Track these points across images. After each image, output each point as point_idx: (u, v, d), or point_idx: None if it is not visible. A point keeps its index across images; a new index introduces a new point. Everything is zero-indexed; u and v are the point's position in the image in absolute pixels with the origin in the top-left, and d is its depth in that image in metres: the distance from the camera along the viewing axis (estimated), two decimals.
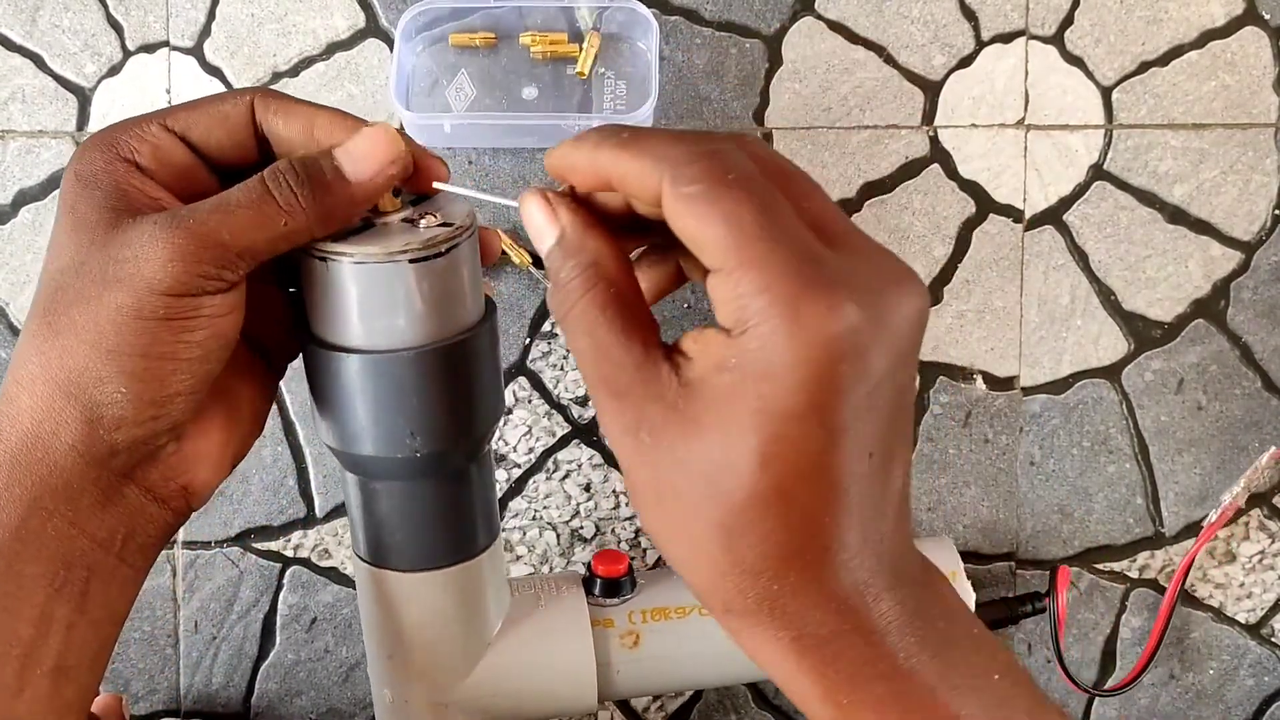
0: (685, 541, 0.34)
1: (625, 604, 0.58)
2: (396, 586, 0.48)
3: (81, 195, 0.39)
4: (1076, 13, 0.68)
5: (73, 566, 0.39)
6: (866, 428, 0.32)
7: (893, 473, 0.34)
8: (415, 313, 0.42)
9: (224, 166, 0.42)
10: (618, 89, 0.66)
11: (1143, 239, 0.69)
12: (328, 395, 0.44)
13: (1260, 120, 0.69)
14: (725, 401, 0.32)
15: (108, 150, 0.40)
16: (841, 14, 0.68)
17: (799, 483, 0.32)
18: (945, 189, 0.69)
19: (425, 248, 0.41)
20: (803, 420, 0.31)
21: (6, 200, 0.67)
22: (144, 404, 0.38)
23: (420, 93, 0.66)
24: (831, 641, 0.33)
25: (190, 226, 0.37)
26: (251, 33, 0.67)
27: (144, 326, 0.37)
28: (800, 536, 0.32)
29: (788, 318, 0.31)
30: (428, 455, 0.44)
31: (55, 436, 0.38)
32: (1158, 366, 0.70)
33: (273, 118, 0.42)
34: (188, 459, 0.42)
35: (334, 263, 0.41)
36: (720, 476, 0.32)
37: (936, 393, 0.69)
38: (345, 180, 0.40)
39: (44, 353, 0.38)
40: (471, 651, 0.52)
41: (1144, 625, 0.71)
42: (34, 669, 0.38)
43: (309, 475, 0.69)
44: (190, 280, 0.37)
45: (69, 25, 0.67)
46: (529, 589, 0.56)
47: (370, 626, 0.51)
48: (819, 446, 0.31)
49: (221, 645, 0.69)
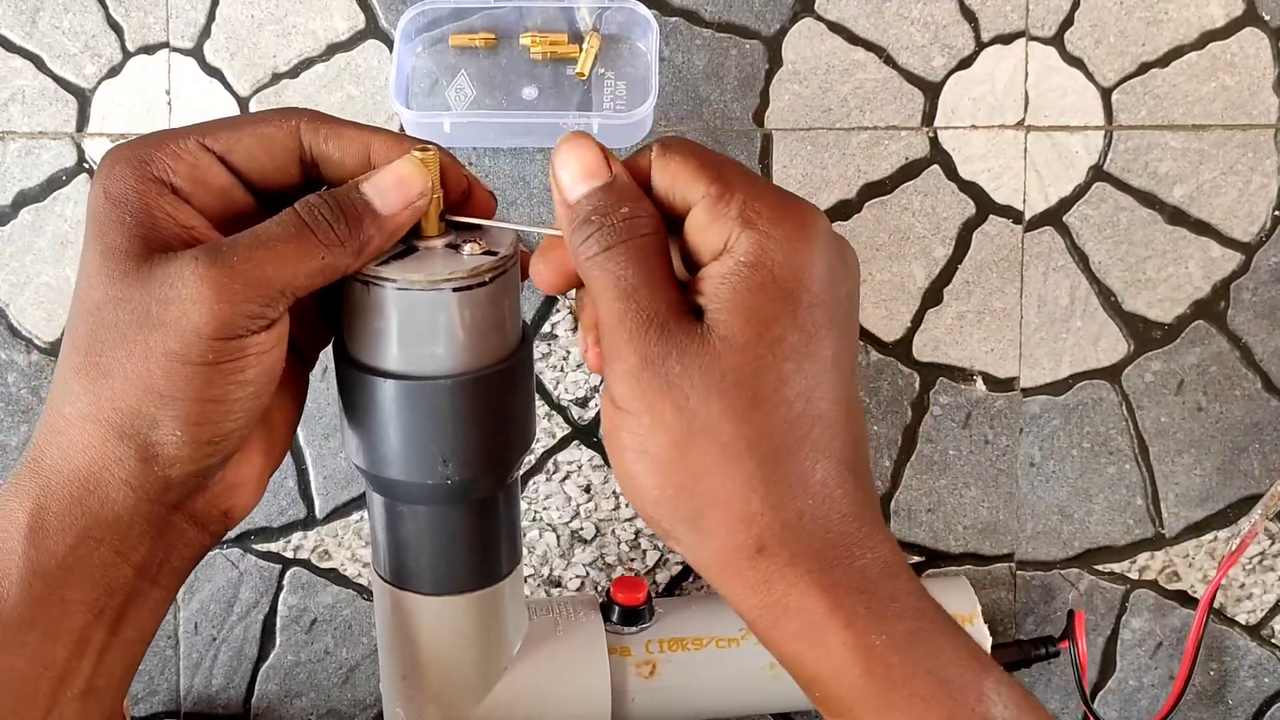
0: (718, 477, 0.35)
1: (643, 633, 0.57)
2: (417, 609, 0.48)
3: (111, 219, 0.38)
4: (1076, 14, 0.68)
5: (114, 593, 0.39)
6: (851, 326, 0.37)
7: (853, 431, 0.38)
8: (455, 341, 0.41)
9: (263, 189, 0.41)
10: (617, 89, 0.66)
11: (1143, 240, 0.69)
12: (360, 417, 0.43)
13: (1260, 121, 0.69)
14: (743, 304, 0.35)
15: (140, 168, 0.38)
16: (841, 15, 0.68)
17: (847, 386, 0.37)
18: (945, 190, 0.69)
19: (470, 277, 0.40)
20: (811, 356, 0.35)
21: (7, 201, 0.67)
22: (200, 444, 0.38)
23: (420, 93, 0.66)
24: (867, 571, 0.35)
25: (233, 265, 0.37)
26: (251, 34, 0.67)
27: (194, 372, 0.37)
28: (846, 446, 0.36)
29: (783, 216, 0.36)
30: (459, 483, 0.44)
31: (109, 473, 0.38)
32: (1158, 368, 0.70)
33: (323, 143, 0.41)
34: (231, 485, 0.42)
35: (376, 287, 0.40)
36: (761, 388, 0.35)
37: (936, 394, 0.69)
38: (375, 212, 0.39)
39: (93, 393, 0.37)
40: (488, 675, 0.52)
41: (1145, 626, 0.71)
42: (65, 691, 0.38)
43: (309, 476, 0.69)
44: (237, 321, 0.37)
45: (69, 26, 0.67)
46: (547, 613, 0.56)
47: (387, 646, 0.50)
48: (845, 347, 0.37)
49: (221, 647, 0.69)
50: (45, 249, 0.66)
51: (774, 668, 0.57)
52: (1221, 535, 0.70)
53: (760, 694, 0.59)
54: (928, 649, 0.34)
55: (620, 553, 0.69)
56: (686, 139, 0.39)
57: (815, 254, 0.36)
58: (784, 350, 0.35)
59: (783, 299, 0.35)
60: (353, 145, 0.41)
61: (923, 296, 0.69)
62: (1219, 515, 0.71)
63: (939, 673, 0.34)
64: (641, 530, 0.69)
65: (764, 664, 0.58)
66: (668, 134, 0.68)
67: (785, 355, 0.35)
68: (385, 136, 0.41)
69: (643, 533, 0.69)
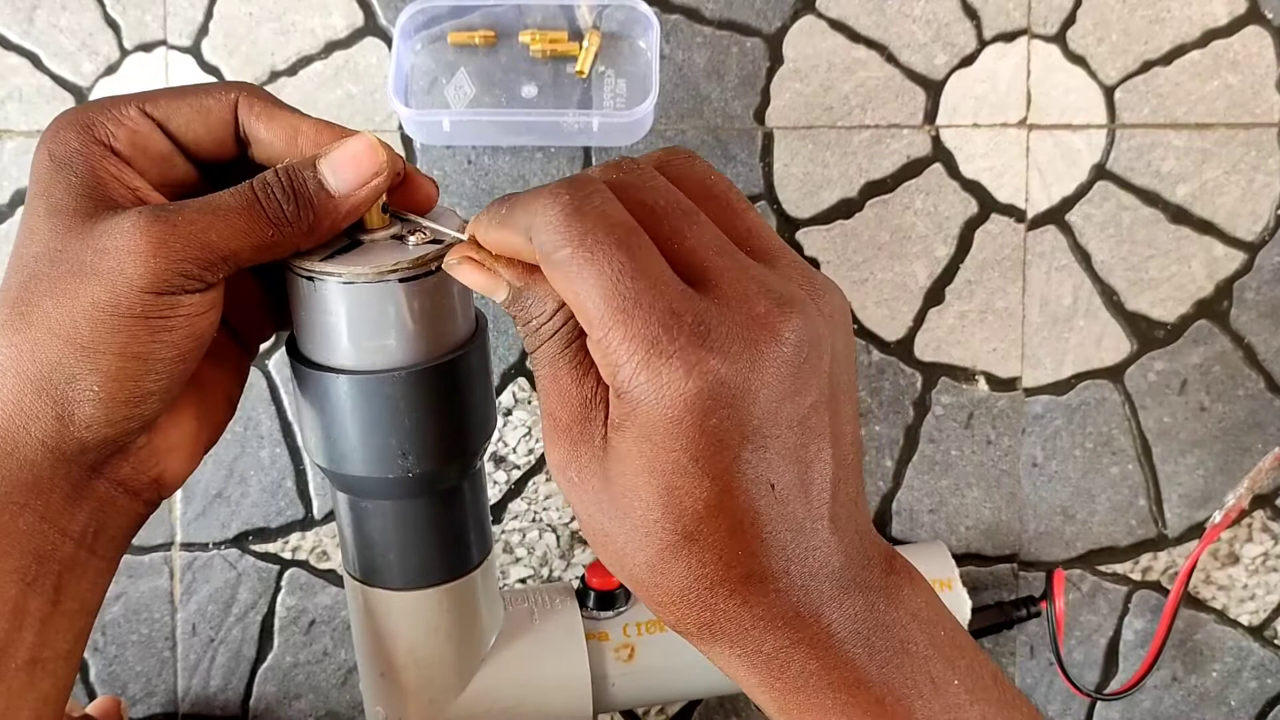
0: (625, 574, 0.35)
1: (619, 617, 0.57)
2: (389, 605, 0.48)
3: (57, 178, 0.38)
4: (1079, 12, 0.68)
5: (45, 560, 0.38)
6: (761, 462, 0.33)
7: (811, 491, 0.34)
8: (406, 332, 0.41)
9: (201, 159, 0.41)
10: (618, 87, 0.66)
11: (1145, 239, 0.69)
12: (316, 415, 0.43)
13: (1263, 120, 0.68)
14: (624, 458, 0.33)
15: (83, 132, 0.39)
16: (843, 13, 0.67)
17: (701, 526, 0.33)
18: (947, 189, 0.68)
19: (415, 266, 0.40)
20: (686, 474, 0.32)
21: (4, 200, 0.66)
22: (116, 403, 0.38)
23: (419, 91, 0.66)
24: (776, 656, 0.34)
25: (176, 223, 0.37)
26: (249, 31, 0.66)
27: (120, 324, 0.37)
28: (717, 570, 0.33)
29: (653, 383, 0.31)
30: (420, 475, 0.44)
31: (25, 431, 0.37)
32: (1160, 367, 0.69)
33: (255, 121, 0.41)
34: (159, 451, 0.41)
35: (321, 282, 0.40)
36: (635, 521, 0.33)
37: (938, 394, 0.69)
38: (329, 194, 0.39)
39: (15, 344, 0.37)
40: (465, 668, 0.51)
41: (1147, 627, 0.71)
42: (8, 662, 0.38)
43: (306, 477, 0.68)
44: (171, 278, 0.37)
45: (66, 24, 0.66)
46: (522, 603, 0.56)
47: (362, 645, 0.50)
48: (710, 493, 0.32)
49: (219, 648, 0.69)
50: None
51: None
52: (1224, 536, 0.70)
53: None
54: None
55: None
56: (553, 190, 0.34)
57: (706, 413, 0.32)
58: (660, 510, 0.33)
59: (666, 475, 0.33)
60: (281, 128, 0.41)
61: (925, 296, 0.69)
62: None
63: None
64: None
65: None
66: (668, 144, 0.67)
67: (662, 515, 0.33)
68: (313, 122, 0.41)
69: None
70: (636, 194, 0.34)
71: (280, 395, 0.68)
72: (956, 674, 0.35)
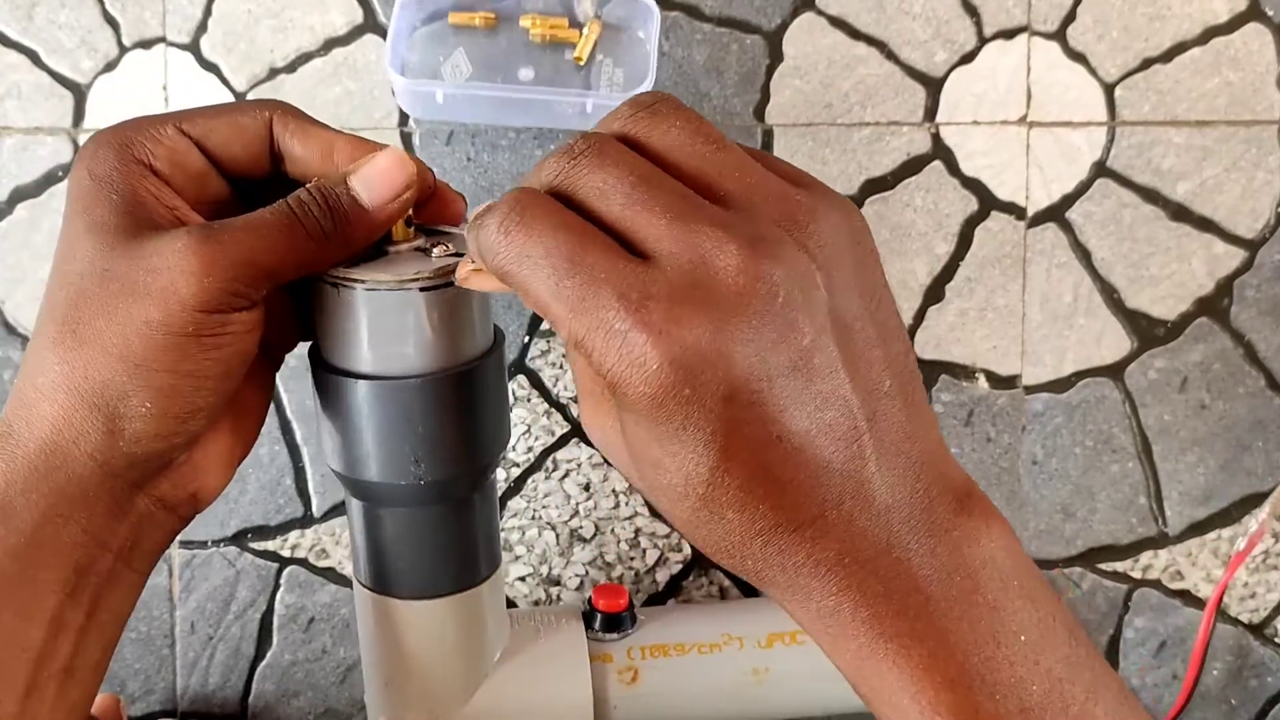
0: (679, 529, 0.35)
1: (625, 640, 0.57)
2: (396, 614, 0.48)
3: (97, 196, 0.39)
4: (1079, 9, 0.68)
5: (85, 573, 0.39)
6: (756, 417, 0.32)
7: (836, 431, 0.32)
8: (424, 341, 0.42)
9: (236, 176, 0.43)
10: (615, 75, 0.66)
11: (1146, 236, 0.69)
12: (335, 419, 0.44)
13: (1264, 117, 0.68)
14: (634, 436, 0.33)
15: (122, 151, 0.40)
16: (843, 10, 0.67)
17: (712, 489, 0.32)
18: (947, 186, 0.68)
19: (436, 276, 0.41)
20: (682, 443, 0.32)
21: (3, 197, 0.66)
22: (167, 419, 0.38)
23: (414, 64, 0.66)
24: (825, 603, 0.33)
25: (225, 243, 0.38)
26: (248, 29, 0.66)
27: (173, 342, 0.38)
28: (744, 524, 0.33)
29: (622, 366, 0.31)
30: (432, 483, 0.44)
31: (75, 445, 0.38)
32: (1161, 365, 0.69)
33: (290, 138, 0.42)
34: (198, 468, 0.42)
35: (346, 289, 0.41)
36: (664, 487, 0.34)
37: (938, 391, 0.69)
38: (362, 208, 0.40)
39: (67, 361, 0.38)
40: (469, 681, 0.52)
41: (1148, 626, 0.70)
42: (43, 671, 0.39)
43: (306, 474, 0.68)
44: (222, 296, 0.38)
45: (65, 21, 0.66)
46: (529, 621, 0.57)
47: (369, 652, 0.51)
48: (710, 458, 0.32)
49: (218, 645, 0.69)
50: (42, 245, 0.66)
51: (756, 673, 0.57)
52: (1225, 534, 0.70)
53: (742, 699, 0.58)
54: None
55: (620, 551, 0.69)
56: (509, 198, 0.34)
57: (678, 384, 0.31)
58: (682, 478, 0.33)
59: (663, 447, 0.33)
60: (316, 144, 0.42)
61: (925, 293, 0.69)
62: (1222, 514, 0.70)
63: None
64: (641, 529, 0.69)
65: (746, 669, 0.58)
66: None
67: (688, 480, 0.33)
68: (348, 139, 0.42)
69: (642, 531, 0.69)
70: (584, 179, 0.33)
71: (280, 394, 0.68)
72: (1025, 630, 0.33)
